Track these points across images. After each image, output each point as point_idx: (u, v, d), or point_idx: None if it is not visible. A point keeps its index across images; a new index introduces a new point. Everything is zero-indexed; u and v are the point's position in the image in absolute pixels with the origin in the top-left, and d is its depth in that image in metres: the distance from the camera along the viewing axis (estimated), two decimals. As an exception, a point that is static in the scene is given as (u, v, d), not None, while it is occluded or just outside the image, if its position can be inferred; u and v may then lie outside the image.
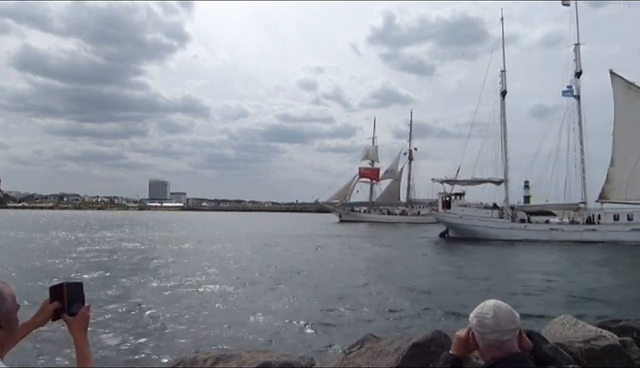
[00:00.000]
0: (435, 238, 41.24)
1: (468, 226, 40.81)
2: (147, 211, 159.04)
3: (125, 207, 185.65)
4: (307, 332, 10.21)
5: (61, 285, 1.77)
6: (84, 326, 1.76)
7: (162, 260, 23.17)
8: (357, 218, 76.36)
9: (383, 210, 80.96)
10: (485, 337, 1.76)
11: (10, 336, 1.57)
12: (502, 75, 44.99)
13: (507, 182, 43.88)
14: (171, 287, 15.53)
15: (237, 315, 11.74)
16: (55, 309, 1.74)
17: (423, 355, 4.75)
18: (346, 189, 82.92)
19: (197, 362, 5.51)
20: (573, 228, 39.05)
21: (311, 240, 37.58)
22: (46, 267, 19.84)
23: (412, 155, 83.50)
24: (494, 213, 41.66)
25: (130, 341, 9.32)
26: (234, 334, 10.03)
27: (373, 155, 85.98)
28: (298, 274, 19.00)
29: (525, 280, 17.86)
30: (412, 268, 21.84)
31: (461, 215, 41.66)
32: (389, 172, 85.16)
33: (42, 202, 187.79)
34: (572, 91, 41.65)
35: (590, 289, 15.84)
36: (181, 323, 10.84)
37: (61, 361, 7.60)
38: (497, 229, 39.94)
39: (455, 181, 43.95)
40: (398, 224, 68.99)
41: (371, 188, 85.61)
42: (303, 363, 5.53)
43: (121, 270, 19.28)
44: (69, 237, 37.98)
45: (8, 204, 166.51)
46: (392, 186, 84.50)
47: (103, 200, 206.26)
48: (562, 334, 6.20)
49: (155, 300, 13.35)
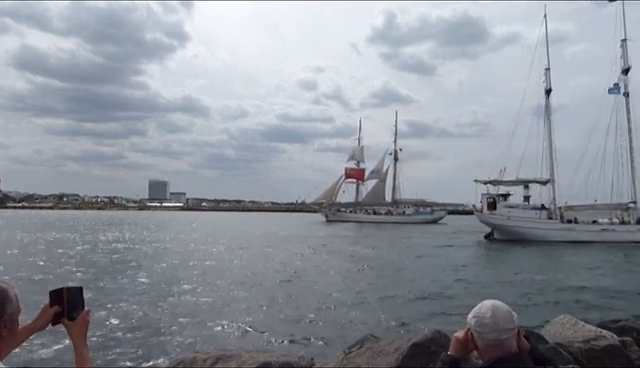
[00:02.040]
0: (477, 240, 40.00)
1: (515, 227, 39.72)
2: (147, 211, 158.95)
3: (125, 207, 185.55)
4: (307, 332, 10.20)
5: (61, 289, 1.77)
6: (84, 330, 1.76)
7: (158, 260, 23.16)
8: (343, 218, 76.88)
9: (369, 210, 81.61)
10: (484, 337, 1.78)
11: (11, 338, 1.57)
12: (546, 73, 43.69)
13: (554, 182, 42.45)
14: (170, 287, 15.52)
15: (237, 315, 11.73)
16: (55, 313, 1.74)
17: (423, 355, 4.75)
18: (332, 189, 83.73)
19: (197, 362, 5.52)
20: (624, 228, 37.80)
21: (314, 240, 37.63)
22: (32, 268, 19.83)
23: (397, 155, 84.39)
24: (542, 214, 40.54)
25: (130, 341, 9.32)
26: (234, 334, 10.04)
27: (359, 156, 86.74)
28: (298, 274, 19.00)
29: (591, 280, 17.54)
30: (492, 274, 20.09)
31: (508, 216, 40.52)
32: (374, 172, 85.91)
33: (42, 202, 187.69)
34: (619, 88, 40.45)
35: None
36: (181, 323, 10.84)
37: (60, 364, 7.59)
38: (546, 230, 38.83)
39: (500, 182, 42.51)
40: (384, 224, 69.31)
41: (357, 188, 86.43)
42: (303, 363, 5.53)
43: (114, 270, 19.27)
44: (66, 237, 38.00)
45: (8, 204, 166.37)
46: (378, 186, 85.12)
47: (103, 200, 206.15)
48: (562, 334, 6.20)
49: (153, 300, 13.34)
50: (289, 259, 24.19)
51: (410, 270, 20.82)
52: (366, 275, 19.17)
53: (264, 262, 22.76)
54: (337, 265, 22.16)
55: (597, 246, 32.78)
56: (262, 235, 43.30)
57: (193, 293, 14.58)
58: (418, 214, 76.60)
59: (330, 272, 19.82)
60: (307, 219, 78.10)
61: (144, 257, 24.41)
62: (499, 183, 42.68)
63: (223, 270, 19.86)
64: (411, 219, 74.26)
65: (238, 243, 33.66)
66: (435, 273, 19.74)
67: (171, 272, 18.99)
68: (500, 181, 42.55)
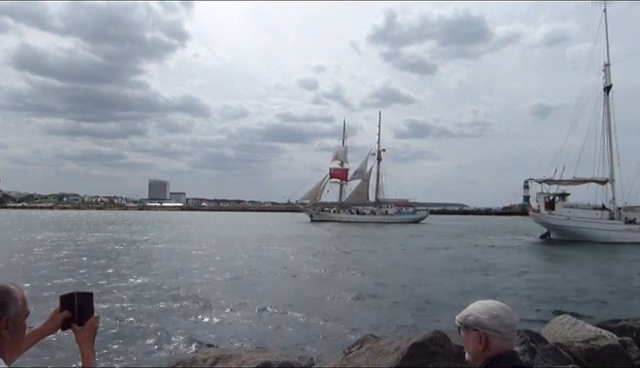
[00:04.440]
0: (531, 241, 39.01)
1: (576, 228, 38.65)
2: (147, 211, 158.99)
3: (125, 207, 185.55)
4: (307, 332, 10.20)
5: (72, 294, 1.76)
6: (92, 337, 1.74)
7: (157, 260, 23.16)
8: (327, 218, 77.56)
9: (352, 210, 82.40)
10: (506, 337, 1.73)
11: (16, 341, 1.54)
12: (606, 69, 42.20)
13: (613, 182, 40.93)
14: (170, 286, 15.52)
15: (237, 315, 11.73)
16: (65, 318, 1.73)
17: (423, 355, 4.76)
18: (317, 189, 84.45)
19: (197, 362, 5.52)
20: None
21: (306, 239, 37.67)
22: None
23: (380, 156, 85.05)
24: (604, 214, 39.36)
25: (129, 341, 9.31)
26: (234, 334, 10.03)
27: (342, 156, 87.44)
28: (298, 274, 19.00)
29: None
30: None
31: (568, 217, 39.36)
32: (358, 173, 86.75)
33: (42, 202, 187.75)
34: None
35: None
36: (180, 323, 10.84)
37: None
38: (607, 231, 37.76)
39: (556, 181, 41.05)
40: (367, 224, 70.01)
41: (341, 188, 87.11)
42: (303, 363, 5.54)
43: (111, 270, 19.27)
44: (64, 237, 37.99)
45: (7, 204, 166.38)
46: (361, 186, 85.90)
47: (103, 200, 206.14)
48: (562, 334, 6.21)
49: (153, 300, 13.34)
50: (285, 259, 24.19)
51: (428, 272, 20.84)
52: (366, 275, 19.15)
53: (263, 262, 22.75)
54: (334, 265, 22.16)
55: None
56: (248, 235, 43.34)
57: (193, 293, 14.57)
58: (401, 214, 77.44)
59: (328, 273, 19.83)
60: (293, 219, 78.44)
61: (143, 257, 24.40)
62: (555, 182, 41.16)
63: (222, 270, 19.85)
64: (394, 219, 75.17)
65: (229, 244, 33.70)
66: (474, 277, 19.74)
67: (170, 272, 18.99)
68: (556, 180, 40.94)
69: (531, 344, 4.97)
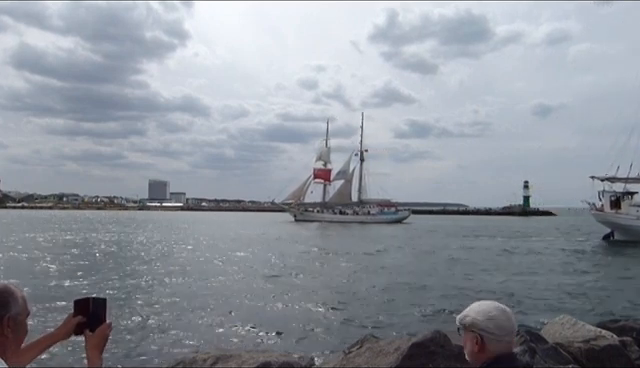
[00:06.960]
0: (595, 243, 36.14)
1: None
2: (147, 211, 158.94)
3: (125, 207, 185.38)
4: (307, 332, 10.20)
5: (87, 299, 1.75)
6: (100, 344, 1.72)
7: (154, 260, 23.16)
8: (311, 218, 78.19)
9: (336, 210, 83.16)
10: (501, 339, 1.71)
11: (17, 340, 1.54)
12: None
13: None
14: (169, 286, 15.53)
15: (236, 315, 11.73)
16: (78, 323, 1.72)
17: (423, 355, 4.76)
18: (300, 189, 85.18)
19: (197, 362, 5.52)
20: None
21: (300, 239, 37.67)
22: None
23: (363, 156, 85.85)
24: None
25: (129, 341, 9.31)
26: (234, 334, 10.03)
27: (325, 156, 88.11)
28: (298, 274, 19.00)
29: None
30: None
31: (637, 216, 37.11)
32: (341, 173, 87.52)
33: (42, 202, 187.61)
34: None
35: None
36: (180, 323, 10.84)
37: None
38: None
39: (621, 179, 38.85)
40: (350, 223, 70.75)
41: (324, 188, 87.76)
42: (303, 363, 5.54)
43: (109, 270, 19.27)
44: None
45: (7, 204, 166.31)
46: (344, 187, 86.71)
47: (103, 200, 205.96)
48: (562, 334, 6.20)
49: (152, 300, 13.34)
50: (282, 259, 24.20)
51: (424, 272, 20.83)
52: (364, 275, 19.15)
53: (261, 262, 22.75)
54: (331, 265, 22.17)
55: None
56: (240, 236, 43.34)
57: (191, 293, 14.58)
58: (383, 214, 78.07)
59: (326, 272, 19.83)
60: (278, 218, 78.67)
61: (142, 257, 24.41)
62: (619, 180, 38.96)
63: (221, 270, 19.85)
64: (376, 219, 75.83)
65: (226, 245, 33.70)
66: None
67: (170, 272, 18.99)
68: (623, 178, 38.68)
69: (531, 344, 4.98)
